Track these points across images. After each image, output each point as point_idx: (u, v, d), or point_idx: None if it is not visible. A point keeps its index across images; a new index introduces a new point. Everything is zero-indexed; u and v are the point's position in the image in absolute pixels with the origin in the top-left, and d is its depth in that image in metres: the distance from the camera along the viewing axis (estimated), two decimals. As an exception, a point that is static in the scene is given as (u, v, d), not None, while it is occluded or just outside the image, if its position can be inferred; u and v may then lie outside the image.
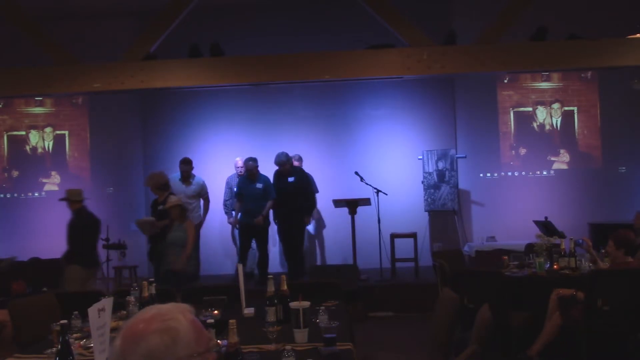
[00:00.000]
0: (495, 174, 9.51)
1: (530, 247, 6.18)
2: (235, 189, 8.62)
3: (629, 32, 6.81)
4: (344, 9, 8.79)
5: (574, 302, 4.91)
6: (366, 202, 8.25)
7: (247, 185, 8.20)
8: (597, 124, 9.47)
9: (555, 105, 9.55)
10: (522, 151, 9.53)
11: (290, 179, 8.23)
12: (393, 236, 8.56)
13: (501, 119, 9.54)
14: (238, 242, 8.47)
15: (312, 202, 8.64)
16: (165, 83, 6.85)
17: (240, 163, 8.72)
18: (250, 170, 8.14)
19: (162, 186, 6.97)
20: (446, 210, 9.24)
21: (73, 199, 6.46)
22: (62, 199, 6.54)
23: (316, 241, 9.54)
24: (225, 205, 8.99)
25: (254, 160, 8.18)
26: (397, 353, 5.72)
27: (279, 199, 8.15)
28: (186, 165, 8.28)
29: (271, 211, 8.36)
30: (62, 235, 6.49)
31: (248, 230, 8.19)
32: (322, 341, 2.97)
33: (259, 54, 7.13)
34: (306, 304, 3.18)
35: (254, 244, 8.36)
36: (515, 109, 9.57)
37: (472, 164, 9.44)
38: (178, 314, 1.42)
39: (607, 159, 9.43)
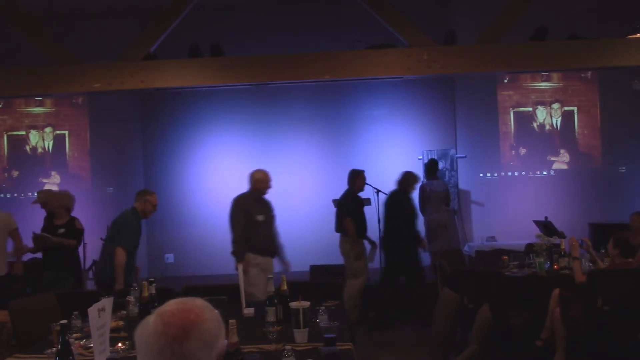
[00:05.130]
0: (495, 174, 9.51)
1: (530, 247, 6.18)
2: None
3: (629, 32, 6.81)
4: (344, 9, 8.79)
5: (575, 299, 4.91)
6: (366, 202, 8.23)
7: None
8: (597, 124, 9.47)
9: (555, 105, 9.55)
10: (522, 151, 9.52)
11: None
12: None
13: (501, 119, 9.54)
14: None
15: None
16: (165, 83, 6.84)
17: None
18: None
19: (68, 208, 6.36)
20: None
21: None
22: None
23: (316, 241, 9.52)
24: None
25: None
26: (397, 353, 5.72)
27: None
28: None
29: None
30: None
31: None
32: (322, 341, 2.97)
33: (259, 54, 7.13)
34: (306, 304, 3.18)
35: None
36: (515, 109, 9.57)
37: (472, 164, 9.44)
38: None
39: (607, 159, 9.43)
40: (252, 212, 5.67)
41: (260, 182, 5.83)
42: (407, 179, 7.16)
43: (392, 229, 7.08)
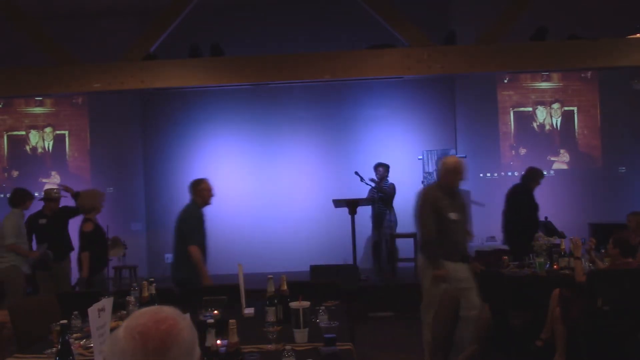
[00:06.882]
0: (495, 174, 9.51)
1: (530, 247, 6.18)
2: None
3: (629, 32, 6.81)
4: (344, 9, 8.79)
5: (575, 299, 4.91)
6: (366, 202, 8.24)
7: None
8: (597, 124, 9.47)
9: (555, 105, 9.55)
10: (522, 151, 9.52)
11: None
12: (393, 236, 8.55)
13: (501, 119, 9.54)
14: None
15: None
16: (165, 83, 6.85)
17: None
18: None
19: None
20: (446, 210, 9.23)
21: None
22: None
23: (316, 241, 9.53)
24: None
25: None
26: (397, 353, 5.72)
27: None
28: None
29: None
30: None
31: None
32: (322, 341, 2.97)
33: (259, 54, 7.13)
34: (306, 304, 3.18)
35: None
36: (515, 109, 9.57)
37: (472, 164, 9.42)
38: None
39: (607, 159, 9.43)
40: (443, 209, 4.64)
41: (452, 173, 4.70)
42: (533, 174, 7.01)
43: (518, 223, 6.90)
